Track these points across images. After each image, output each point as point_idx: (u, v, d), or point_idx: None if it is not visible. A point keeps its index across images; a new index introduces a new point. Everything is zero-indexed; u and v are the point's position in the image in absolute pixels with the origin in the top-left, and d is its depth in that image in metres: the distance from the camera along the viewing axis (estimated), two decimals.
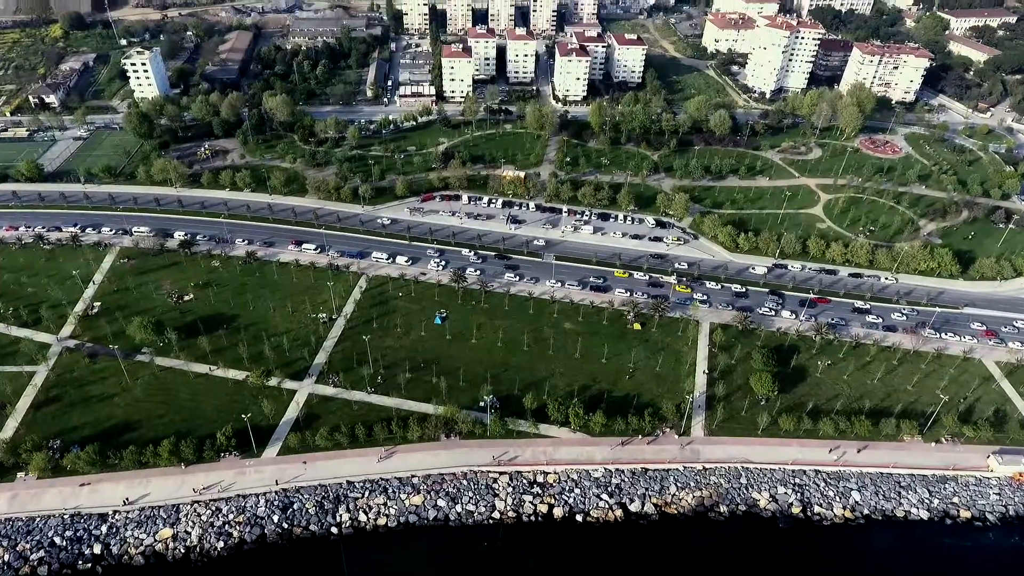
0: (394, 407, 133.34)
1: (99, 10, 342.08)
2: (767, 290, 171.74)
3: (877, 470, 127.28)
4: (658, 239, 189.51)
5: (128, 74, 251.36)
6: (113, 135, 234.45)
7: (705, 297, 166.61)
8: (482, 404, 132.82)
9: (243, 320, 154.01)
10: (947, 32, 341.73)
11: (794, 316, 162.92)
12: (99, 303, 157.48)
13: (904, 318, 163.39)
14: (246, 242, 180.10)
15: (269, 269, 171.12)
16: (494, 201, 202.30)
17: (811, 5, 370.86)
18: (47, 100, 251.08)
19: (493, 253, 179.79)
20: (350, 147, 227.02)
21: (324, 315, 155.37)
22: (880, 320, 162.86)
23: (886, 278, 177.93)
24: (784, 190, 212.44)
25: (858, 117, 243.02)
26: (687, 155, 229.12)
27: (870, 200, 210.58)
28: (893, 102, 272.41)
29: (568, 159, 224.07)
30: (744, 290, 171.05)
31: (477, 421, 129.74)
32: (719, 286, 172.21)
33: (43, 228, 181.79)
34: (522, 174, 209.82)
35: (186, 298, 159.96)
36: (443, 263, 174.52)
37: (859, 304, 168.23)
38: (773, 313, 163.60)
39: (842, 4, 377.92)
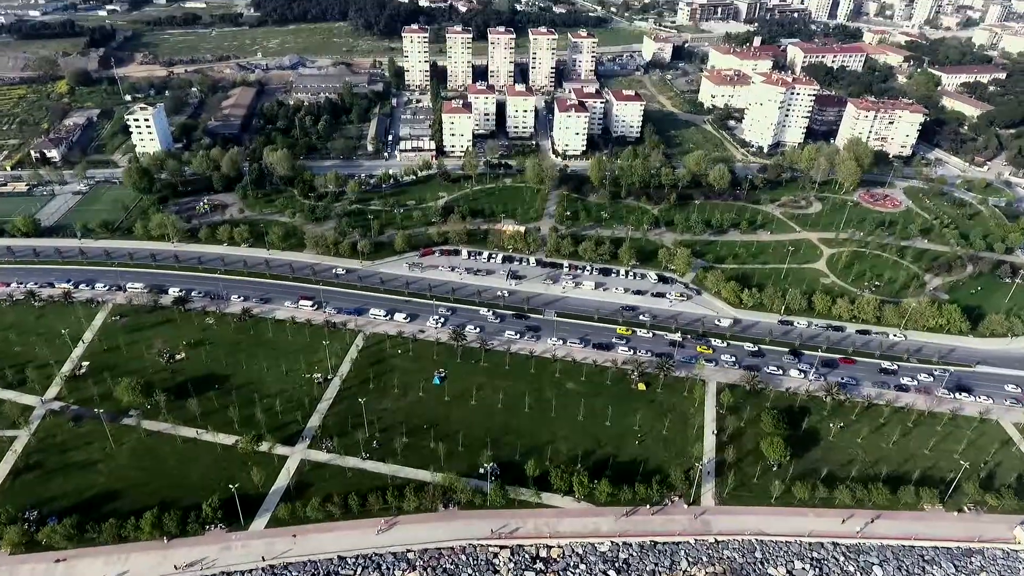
0: (390, 474, 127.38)
1: (106, 67, 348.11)
2: (787, 350, 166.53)
3: (898, 542, 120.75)
4: (661, 295, 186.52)
5: (131, 129, 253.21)
6: (112, 189, 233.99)
7: (713, 346, 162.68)
8: (482, 471, 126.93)
9: (235, 380, 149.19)
10: (939, 88, 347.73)
11: (803, 375, 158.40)
12: (87, 363, 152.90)
13: (931, 379, 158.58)
14: (242, 298, 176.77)
15: (264, 327, 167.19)
16: (494, 256, 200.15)
17: (804, 62, 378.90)
18: (48, 155, 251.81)
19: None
20: (350, 201, 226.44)
21: (319, 375, 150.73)
22: (914, 381, 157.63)
23: (895, 335, 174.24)
24: (786, 244, 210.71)
25: (856, 171, 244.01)
26: (687, 209, 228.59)
27: (873, 254, 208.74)
28: (890, 156, 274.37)
29: (568, 213, 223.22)
30: (757, 348, 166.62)
31: (477, 490, 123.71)
32: (725, 343, 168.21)
33: (35, 284, 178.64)
34: (522, 228, 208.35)
35: (178, 357, 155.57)
36: (443, 320, 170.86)
37: (886, 365, 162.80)
38: (781, 372, 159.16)
39: (834, 61, 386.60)
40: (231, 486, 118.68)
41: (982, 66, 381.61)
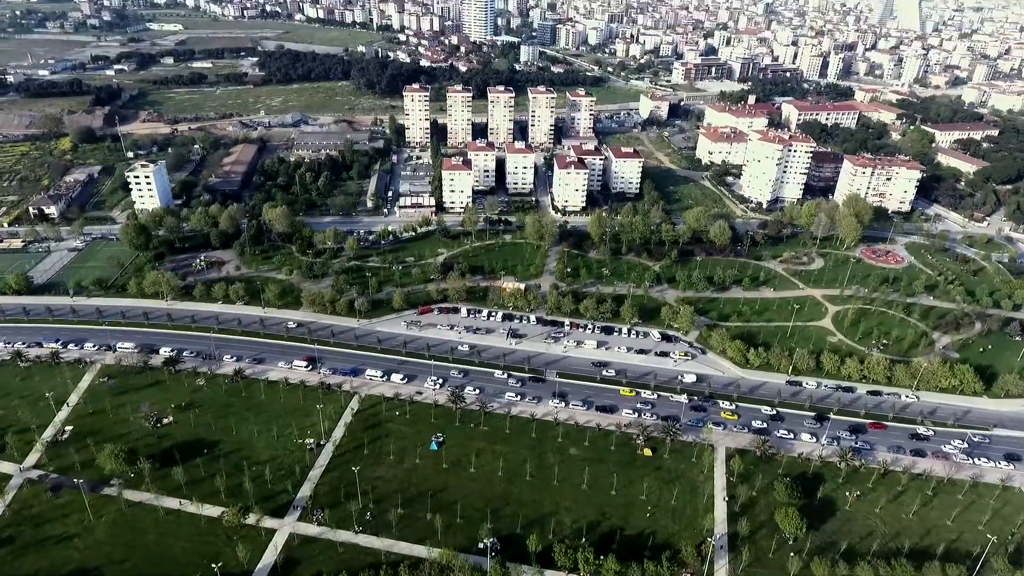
0: (384, 550, 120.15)
1: (110, 125, 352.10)
2: (811, 414, 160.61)
3: None
4: (664, 354, 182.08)
5: (130, 186, 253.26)
6: (109, 246, 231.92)
7: (738, 412, 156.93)
8: (481, 546, 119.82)
9: (224, 446, 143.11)
10: (933, 145, 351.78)
11: (815, 439, 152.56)
12: (71, 427, 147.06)
13: (966, 446, 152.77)
14: (234, 359, 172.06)
15: (256, 388, 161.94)
16: (494, 314, 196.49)
17: (799, 120, 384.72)
18: (47, 211, 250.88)
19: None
20: (348, 258, 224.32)
21: (311, 441, 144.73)
22: (952, 451, 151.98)
23: (907, 396, 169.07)
24: (790, 301, 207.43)
25: (857, 227, 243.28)
26: (689, 266, 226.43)
27: (879, 312, 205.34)
28: (889, 212, 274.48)
29: (569, 270, 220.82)
30: (776, 411, 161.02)
31: (476, 567, 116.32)
32: (734, 405, 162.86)
33: (23, 344, 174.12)
34: (522, 286, 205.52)
35: (165, 421, 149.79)
36: (441, 381, 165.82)
37: (922, 431, 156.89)
38: (792, 436, 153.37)
39: (827, 118, 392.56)
40: (214, 565, 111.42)
41: (974, 123, 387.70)
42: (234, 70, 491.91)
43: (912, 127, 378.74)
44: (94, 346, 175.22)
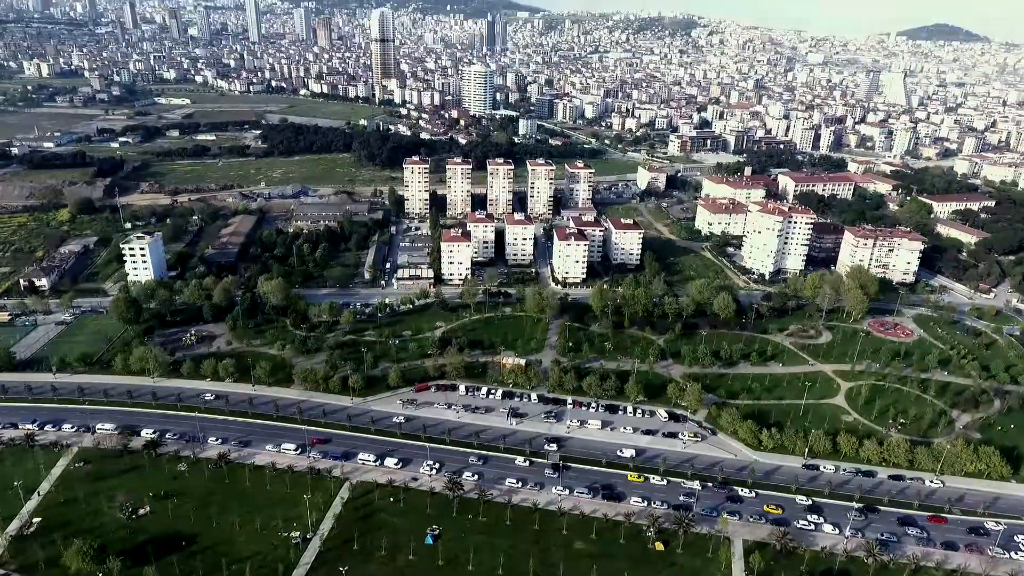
0: None
1: (110, 196, 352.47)
2: (857, 505, 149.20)
3: None
4: (672, 435, 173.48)
5: (124, 258, 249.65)
6: (98, 320, 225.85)
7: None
8: None
9: (203, 541, 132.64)
10: (932, 215, 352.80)
11: (838, 531, 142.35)
12: (39, 519, 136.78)
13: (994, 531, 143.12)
14: (219, 441, 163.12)
15: (241, 473, 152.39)
16: (493, 392, 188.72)
17: (796, 191, 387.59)
18: (38, 283, 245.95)
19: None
20: (343, 332, 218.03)
21: (297, 534, 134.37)
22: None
23: (931, 481, 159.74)
24: (801, 378, 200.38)
25: (863, 299, 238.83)
26: (694, 340, 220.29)
27: (893, 388, 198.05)
28: (894, 283, 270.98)
29: (570, 344, 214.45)
30: (811, 502, 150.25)
31: None
32: (753, 493, 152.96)
33: None
34: (522, 362, 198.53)
35: (141, 512, 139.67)
36: (438, 466, 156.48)
37: (991, 525, 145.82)
38: (813, 528, 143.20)
39: (824, 189, 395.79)
40: None
41: (970, 194, 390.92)
42: (237, 142, 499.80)
43: (909, 198, 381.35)
44: (72, 427, 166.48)
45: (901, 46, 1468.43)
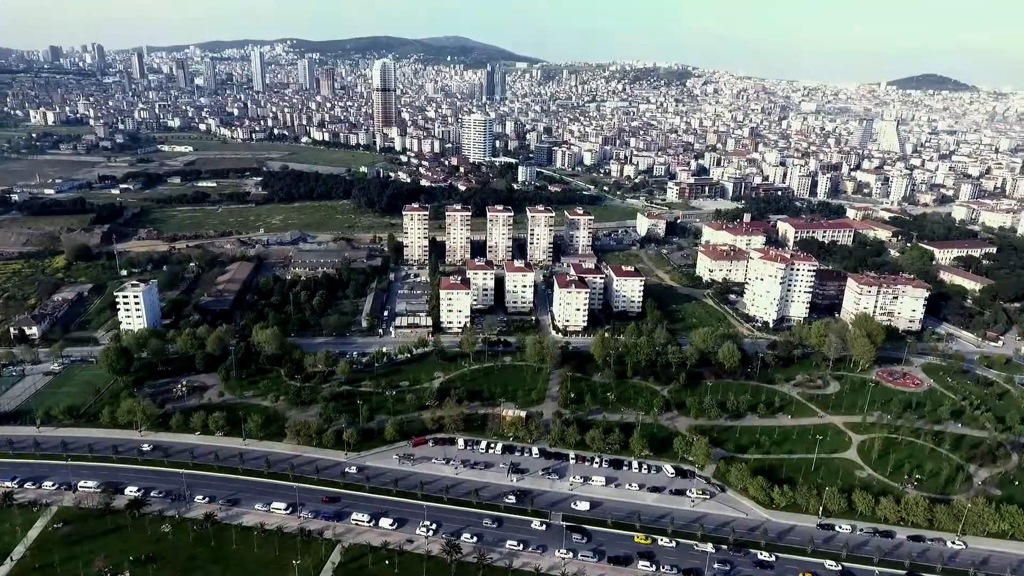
0: None
1: (107, 243, 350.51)
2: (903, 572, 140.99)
3: None
4: (680, 492, 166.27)
5: (118, 306, 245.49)
6: (87, 370, 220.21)
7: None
8: None
9: None
10: (934, 262, 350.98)
11: None
12: None
13: None
14: (206, 499, 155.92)
15: (228, 535, 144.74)
16: (493, 446, 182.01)
17: (796, 237, 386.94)
18: (28, 332, 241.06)
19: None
20: (339, 383, 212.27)
21: None
22: None
23: (953, 542, 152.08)
24: (811, 430, 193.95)
25: (870, 348, 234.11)
26: (699, 390, 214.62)
27: (907, 441, 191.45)
28: (900, 331, 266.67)
29: (572, 395, 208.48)
30: (840, 567, 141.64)
31: None
32: (772, 556, 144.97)
33: None
34: (523, 414, 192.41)
35: None
36: (435, 527, 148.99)
37: None
38: None
39: (824, 236, 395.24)
40: None
41: (971, 240, 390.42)
42: (237, 189, 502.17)
43: (910, 244, 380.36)
44: (53, 485, 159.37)
45: (892, 95, 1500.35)
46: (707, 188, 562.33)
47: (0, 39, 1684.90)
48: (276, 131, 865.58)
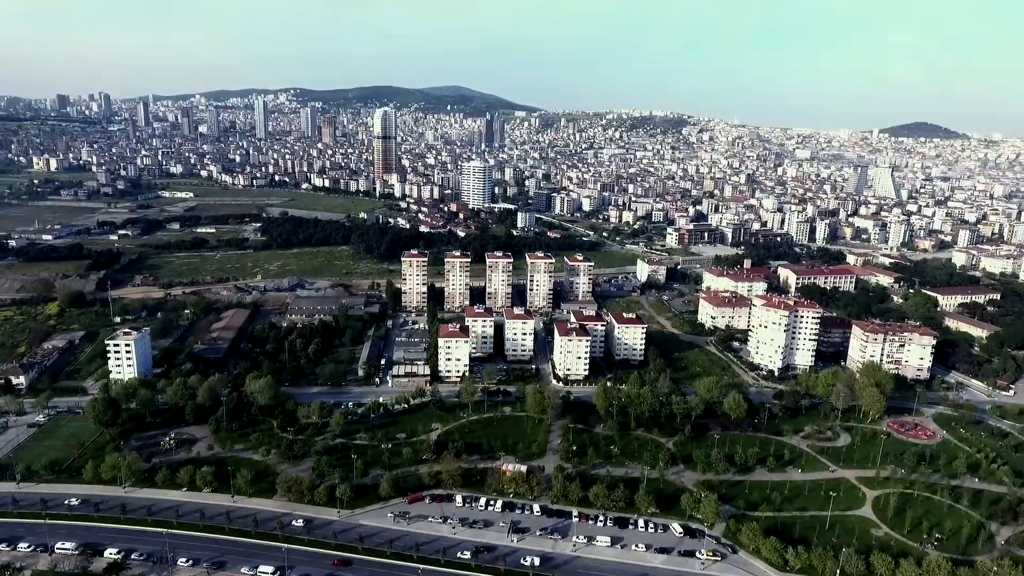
0: None
1: (102, 289, 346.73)
2: None
3: None
4: (689, 553, 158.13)
5: (108, 354, 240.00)
6: (74, 421, 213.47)
7: None
8: None
9: None
10: (938, 309, 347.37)
11: None
12: None
13: None
14: (190, 562, 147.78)
15: None
16: (493, 503, 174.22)
17: (797, 283, 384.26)
18: (15, 381, 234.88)
19: None
20: (333, 435, 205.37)
21: None
22: None
23: None
24: (823, 485, 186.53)
25: (880, 398, 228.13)
26: (705, 442, 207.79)
27: (923, 497, 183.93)
28: (908, 380, 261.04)
29: (574, 448, 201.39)
30: None
31: None
32: None
33: None
34: (523, 468, 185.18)
35: None
36: None
37: None
38: None
39: (826, 282, 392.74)
40: None
41: (974, 287, 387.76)
42: (236, 235, 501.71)
43: (912, 291, 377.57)
44: (29, 547, 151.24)
45: (884, 142, 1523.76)
46: (706, 234, 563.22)
47: (10, 88, 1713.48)
48: (277, 177, 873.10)
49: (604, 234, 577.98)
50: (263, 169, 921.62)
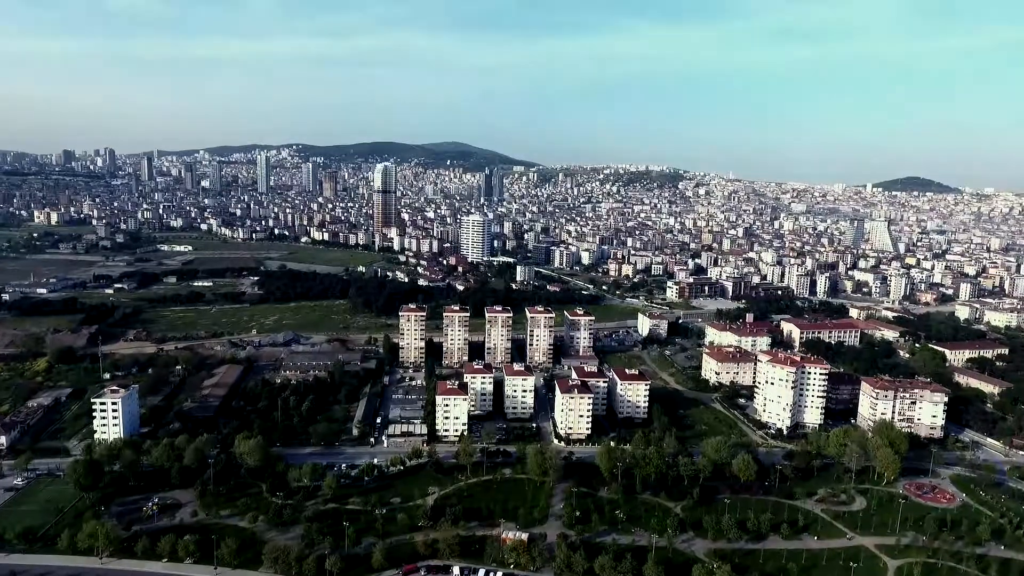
0: None
1: (94, 344, 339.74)
2: None
3: None
4: None
5: (94, 413, 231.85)
6: (54, 484, 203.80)
7: None
8: None
9: None
10: (947, 364, 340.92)
11: None
12: None
13: None
14: None
15: None
16: (493, 574, 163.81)
17: (801, 338, 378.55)
18: None
19: None
20: (324, 500, 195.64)
21: None
22: None
23: None
24: (841, 554, 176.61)
25: (895, 459, 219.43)
26: (715, 507, 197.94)
27: (948, 567, 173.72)
28: (922, 438, 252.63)
29: (578, 513, 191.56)
30: None
31: None
32: None
33: None
34: (525, 537, 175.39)
35: None
36: None
37: None
38: None
39: (830, 336, 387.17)
40: None
41: (982, 341, 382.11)
42: (233, 288, 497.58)
43: (919, 345, 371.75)
44: None
45: (878, 196, 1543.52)
46: (706, 287, 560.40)
47: (17, 144, 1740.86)
48: (277, 231, 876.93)
49: (604, 287, 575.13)
50: (263, 222, 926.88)
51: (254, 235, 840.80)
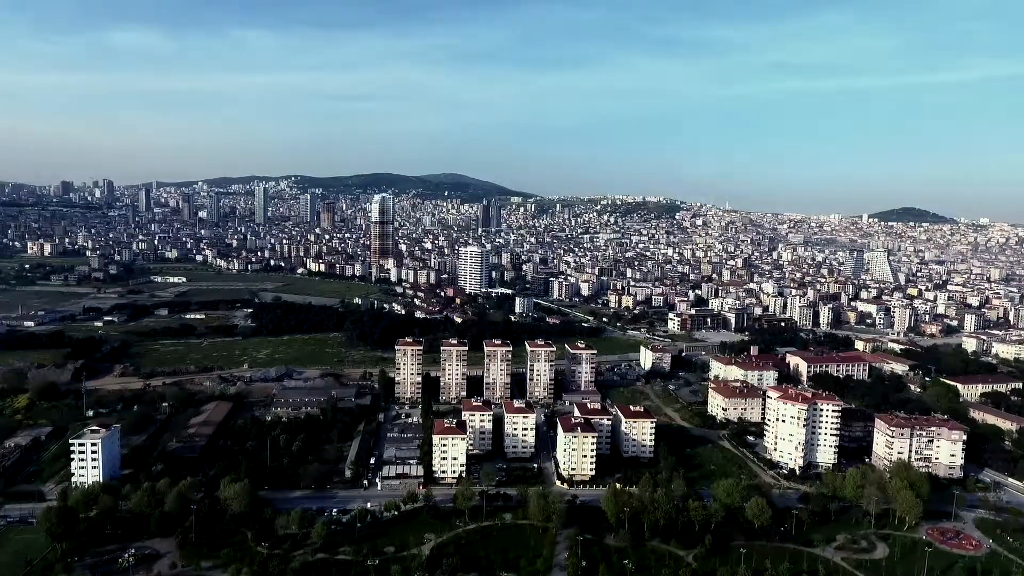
0: None
1: (79, 379, 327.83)
2: None
3: None
4: None
5: (72, 455, 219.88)
6: (25, 532, 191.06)
7: None
8: None
9: None
10: (960, 399, 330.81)
11: None
12: None
13: None
14: None
15: None
16: None
17: (809, 372, 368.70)
18: None
19: None
20: (313, 549, 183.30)
21: None
22: None
23: None
24: None
25: (916, 503, 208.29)
26: (729, 556, 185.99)
27: None
28: (941, 479, 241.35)
29: (583, 563, 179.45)
30: None
31: None
32: None
33: None
34: None
35: None
36: None
37: None
38: None
39: (838, 370, 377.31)
40: None
41: (994, 375, 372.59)
42: (226, 321, 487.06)
43: (929, 379, 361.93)
44: None
45: (875, 227, 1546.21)
46: (709, 319, 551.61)
47: (16, 175, 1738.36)
48: (273, 262, 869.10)
49: (604, 319, 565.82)
50: (259, 254, 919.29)
51: (249, 266, 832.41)
